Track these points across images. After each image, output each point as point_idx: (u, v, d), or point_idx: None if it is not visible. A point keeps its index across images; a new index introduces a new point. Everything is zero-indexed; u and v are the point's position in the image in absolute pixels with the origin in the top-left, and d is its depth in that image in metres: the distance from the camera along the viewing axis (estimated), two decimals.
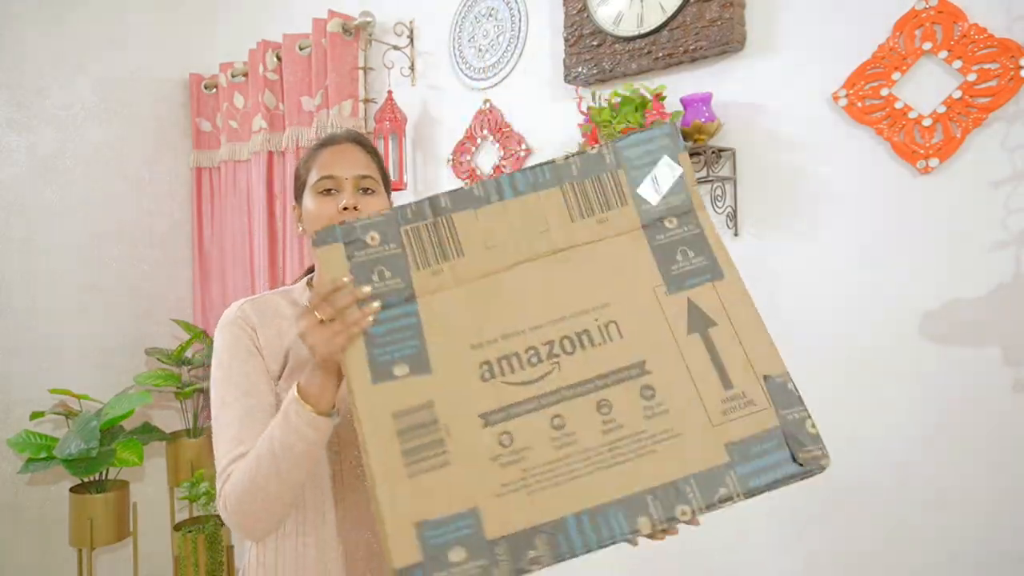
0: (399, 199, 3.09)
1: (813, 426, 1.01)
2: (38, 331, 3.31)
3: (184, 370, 3.54)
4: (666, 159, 1.10)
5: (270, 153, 3.39)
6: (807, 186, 2.02)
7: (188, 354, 3.52)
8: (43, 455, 2.96)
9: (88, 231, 3.47)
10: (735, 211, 2.13)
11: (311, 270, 1.57)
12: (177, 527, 3.27)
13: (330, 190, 1.41)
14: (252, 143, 3.44)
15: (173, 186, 3.79)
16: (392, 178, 2.91)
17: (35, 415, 3.08)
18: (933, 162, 1.81)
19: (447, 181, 2.92)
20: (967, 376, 1.79)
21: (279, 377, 1.38)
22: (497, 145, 2.73)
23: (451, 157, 2.89)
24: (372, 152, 1.49)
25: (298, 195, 1.49)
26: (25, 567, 3.25)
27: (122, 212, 3.59)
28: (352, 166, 1.42)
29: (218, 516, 3.26)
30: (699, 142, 2.09)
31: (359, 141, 1.49)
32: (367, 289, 1.09)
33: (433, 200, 1.10)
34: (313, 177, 1.43)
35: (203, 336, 3.48)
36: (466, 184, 2.81)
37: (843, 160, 1.96)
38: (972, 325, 1.78)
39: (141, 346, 3.61)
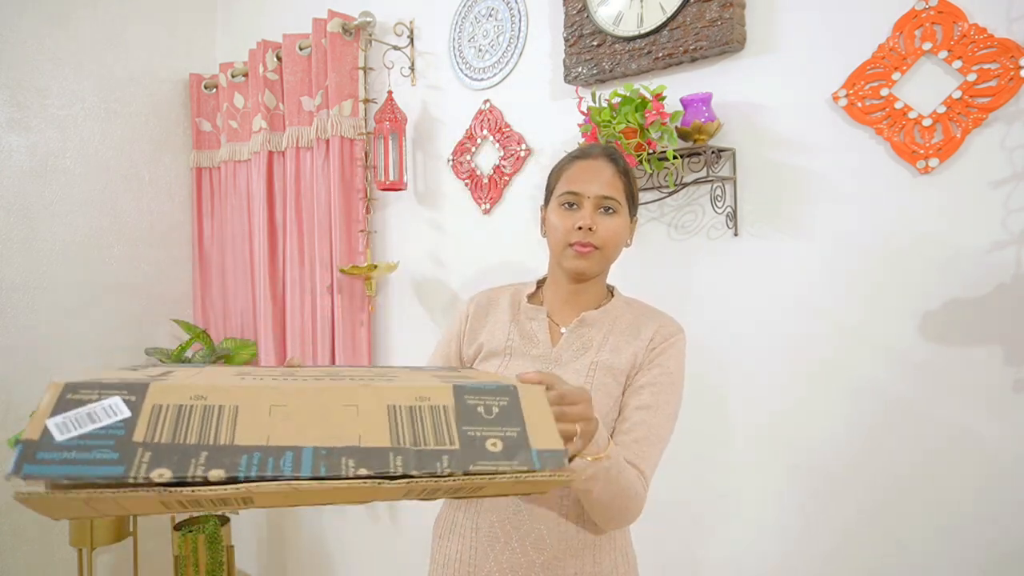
0: (398, 199, 3.09)
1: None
2: (38, 331, 3.31)
3: None
4: None
5: (270, 153, 3.39)
6: (807, 186, 2.02)
7: (188, 354, 3.51)
8: None
9: (88, 231, 3.48)
10: (735, 211, 2.13)
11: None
12: (177, 527, 3.27)
13: (572, 204, 1.48)
14: (252, 143, 3.44)
15: (173, 186, 3.80)
16: (392, 178, 2.93)
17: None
18: (933, 162, 1.81)
19: (448, 181, 2.93)
20: (967, 376, 1.79)
21: (472, 361, 1.58)
22: (497, 145, 2.72)
23: (451, 157, 2.89)
24: (623, 171, 1.51)
25: (546, 200, 1.57)
26: (25, 567, 3.25)
27: (122, 212, 3.59)
28: (598, 184, 1.47)
29: (218, 516, 3.27)
30: (699, 142, 2.09)
31: (613, 158, 1.52)
32: None
33: None
34: (560, 188, 1.51)
35: (203, 336, 3.48)
36: (467, 184, 2.82)
37: (843, 160, 1.96)
38: (972, 325, 1.78)
39: (141, 346, 3.61)
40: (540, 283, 1.63)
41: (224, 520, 3.29)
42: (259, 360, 3.46)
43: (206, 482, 0.76)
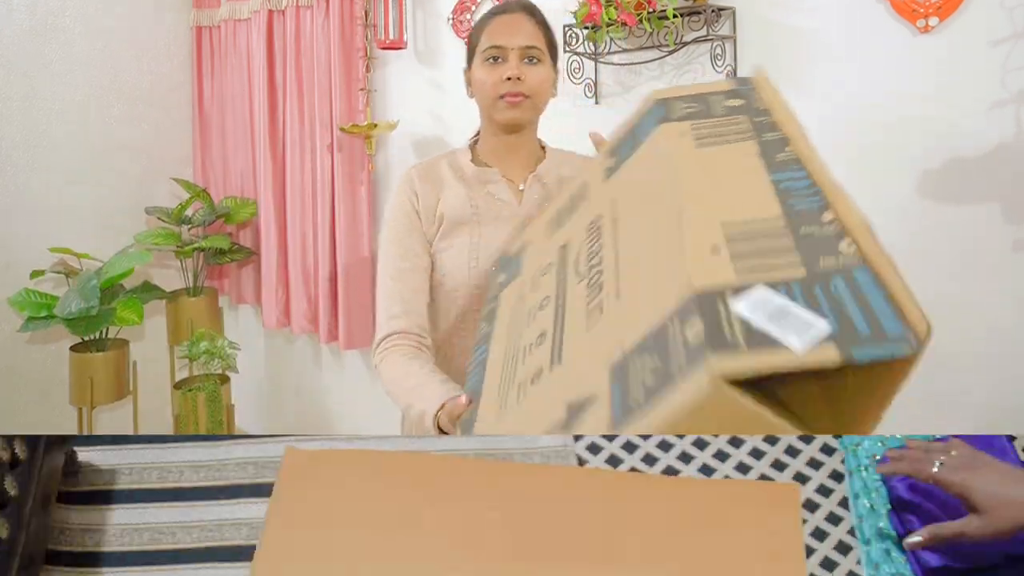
0: (398, 58, 3.06)
1: None
2: (37, 190, 3.33)
3: (184, 229, 3.55)
4: None
5: (270, 12, 3.35)
6: (806, 45, 2.00)
7: (188, 212, 3.52)
8: (43, 314, 2.97)
9: (88, 90, 3.47)
10: (735, 70, 2.12)
11: (478, 134, 1.63)
12: (177, 386, 3.30)
13: (496, 59, 1.49)
14: (252, 1, 3.40)
15: (173, 46, 3.77)
16: (392, 37, 2.90)
17: (35, 274, 3.10)
18: (933, 20, 1.79)
19: (448, 40, 2.90)
20: (967, 235, 1.81)
21: (435, 235, 1.52)
22: (498, 2, 2.68)
23: (451, 16, 2.84)
24: (542, 22, 1.54)
25: (469, 60, 1.58)
26: (26, 425, 3.33)
27: (122, 71, 3.58)
28: (519, 36, 1.49)
29: (218, 375, 3.30)
30: (699, 2, 2.07)
31: (530, 11, 1.54)
32: None
33: None
34: (482, 45, 1.51)
35: (203, 194, 3.50)
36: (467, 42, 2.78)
37: (842, 18, 1.94)
38: (972, 184, 1.80)
39: (141, 206, 3.62)
40: (472, 147, 1.62)
41: (224, 379, 3.33)
42: (259, 217, 3.50)
43: None
